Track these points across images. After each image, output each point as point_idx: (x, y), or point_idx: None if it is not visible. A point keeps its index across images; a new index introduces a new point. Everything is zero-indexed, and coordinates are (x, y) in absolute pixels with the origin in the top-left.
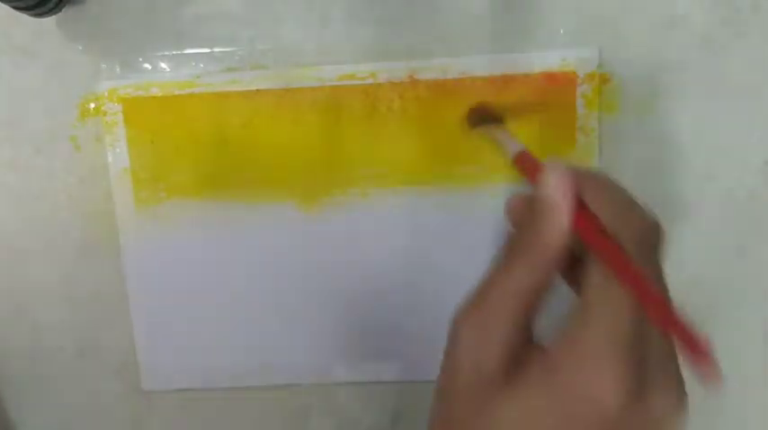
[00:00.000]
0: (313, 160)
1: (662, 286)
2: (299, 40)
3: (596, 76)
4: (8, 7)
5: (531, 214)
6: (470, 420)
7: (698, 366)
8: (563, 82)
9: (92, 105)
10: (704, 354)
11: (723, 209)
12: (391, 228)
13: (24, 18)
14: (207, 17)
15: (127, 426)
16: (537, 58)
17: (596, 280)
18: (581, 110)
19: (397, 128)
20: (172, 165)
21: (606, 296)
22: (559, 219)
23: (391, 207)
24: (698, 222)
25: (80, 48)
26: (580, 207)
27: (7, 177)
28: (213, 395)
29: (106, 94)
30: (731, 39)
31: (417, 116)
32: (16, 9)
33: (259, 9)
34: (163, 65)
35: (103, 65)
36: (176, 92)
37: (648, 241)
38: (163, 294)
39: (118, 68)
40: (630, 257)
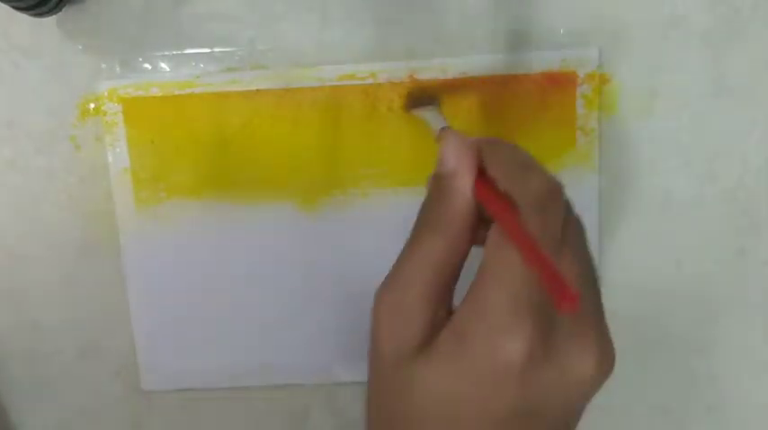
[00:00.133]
0: (313, 160)
1: (551, 241)
2: (299, 40)
3: (596, 76)
4: (8, 7)
5: (434, 188)
6: (394, 394)
7: (563, 307)
8: (563, 82)
9: (92, 105)
10: (572, 300)
11: (722, 209)
12: (391, 228)
13: (24, 18)
14: (207, 17)
15: (127, 426)
16: (537, 58)
17: (492, 241)
18: (581, 110)
19: (397, 128)
20: (172, 165)
21: (500, 255)
22: (460, 187)
23: (391, 207)
24: (698, 222)
25: (80, 48)
26: (481, 172)
27: (7, 177)
28: (213, 395)
29: (106, 94)
30: (731, 39)
31: (417, 116)
32: (16, 9)
33: (259, 9)
34: (163, 65)
35: (103, 65)
36: (176, 92)
37: (543, 205)
38: (163, 294)
39: (118, 68)
40: (518, 215)
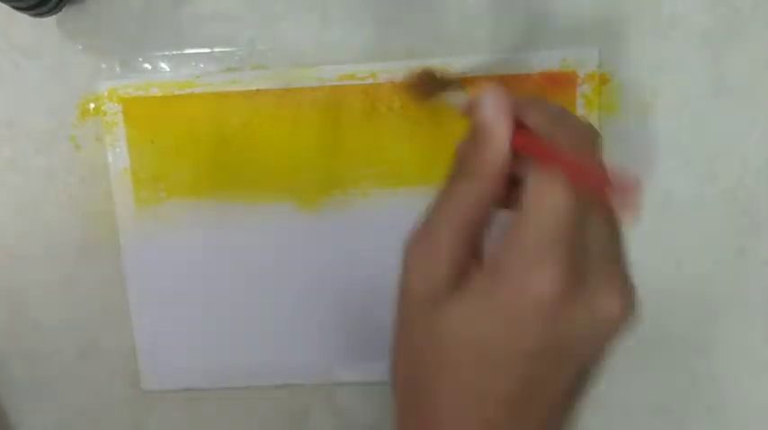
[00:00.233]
0: (313, 160)
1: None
2: (299, 40)
3: (596, 76)
4: (8, 7)
5: (470, 137)
6: (424, 334)
7: (625, 205)
8: (563, 82)
9: (92, 105)
10: (633, 192)
11: (722, 209)
12: (391, 228)
13: (24, 18)
14: (207, 17)
15: (127, 426)
16: (537, 58)
17: (532, 181)
18: (581, 110)
19: (397, 128)
20: (172, 165)
21: (541, 193)
22: (497, 133)
23: (391, 207)
24: (698, 222)
25: (80, 48)
26: (518, 125)
27: (7, 177)
28: (213, 395)
29: (106, 94)
30: (731, 39)
31: (417, 116)
32: (16, 9)
33: (259, 9)
34: (163, 65)
35: (103, 65)
36: (176, 92)
37: (586, 142)
38: (163, 294)
39: (118, 68)
40: (566, 150)
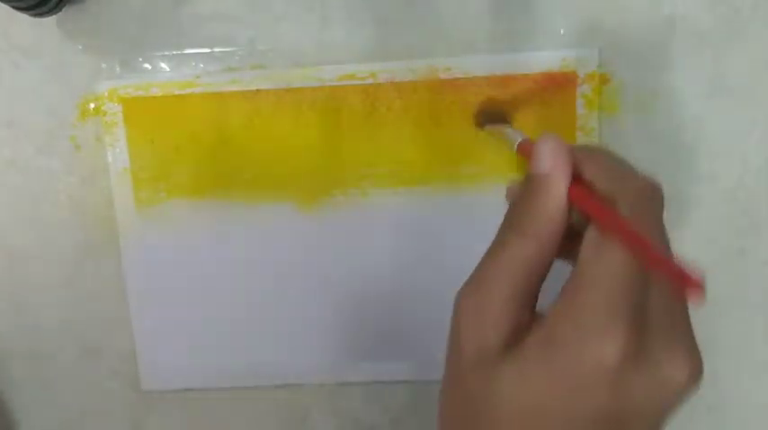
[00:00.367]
0: (313, 160)
1: (661, 241)
2: (299, 40)
3: (596, 76)
4: (8, 7)
5: (526, 189)
6: (474, 396)
7: (691, 295)
8: (563, 82)
9: (92, 105)
10: (698, 287)
11: (723, 209)
12: (391, 229)
13: (24, 18)
14: (207, 17)
15: (127, 426)
16: (537, 58)
17: (589, 243)
18: (581, 110)
19: (398, 128)
20: (172, 165)
21: (599, 257)
22: (554, 188)
23: (391, 207)
24: (698, 222)
25: (80, 48)
26: (575, 178)
27: (7, 177)
28: (213, 395)
29: (106, 94)
30: (731, 39)
31: (417, 116)
32: (16, 9)
33: (259, 9)
34: (163, 65)
35: (103, 65)
36: (176, 92)
37: (645, 203)
38: (163, 294)
39: (118, 68)
40: (624, 216)
